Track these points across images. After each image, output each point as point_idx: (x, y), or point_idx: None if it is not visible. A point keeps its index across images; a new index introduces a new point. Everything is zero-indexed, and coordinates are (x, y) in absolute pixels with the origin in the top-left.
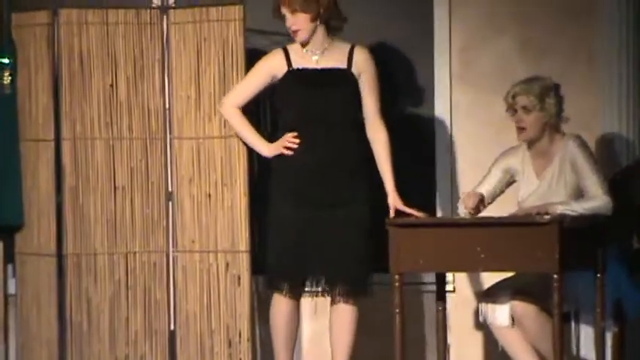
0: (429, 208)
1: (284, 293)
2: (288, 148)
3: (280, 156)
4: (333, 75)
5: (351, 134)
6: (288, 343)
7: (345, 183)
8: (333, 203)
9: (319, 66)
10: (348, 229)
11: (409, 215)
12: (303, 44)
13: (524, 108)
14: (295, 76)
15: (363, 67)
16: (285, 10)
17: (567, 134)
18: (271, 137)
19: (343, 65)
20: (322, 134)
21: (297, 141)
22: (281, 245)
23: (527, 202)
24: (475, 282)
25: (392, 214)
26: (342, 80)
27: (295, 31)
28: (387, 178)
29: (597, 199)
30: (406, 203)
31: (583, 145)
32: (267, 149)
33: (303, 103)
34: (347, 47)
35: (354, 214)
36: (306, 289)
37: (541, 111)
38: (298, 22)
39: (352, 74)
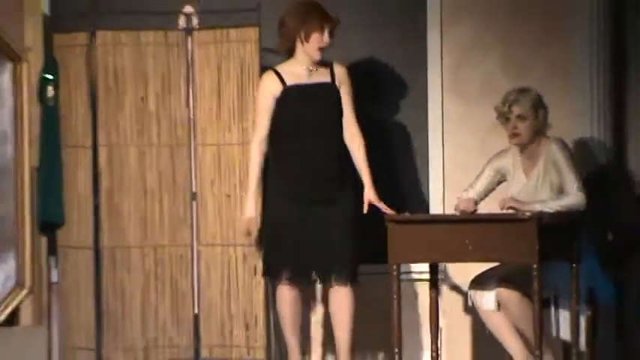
0: (423, 205)
1: (286, 283)
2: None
3: (278, 161)
4: (323, 88)
5: (337, 141)
6: (296, 328)
7: (333, 184)
8: (324, 202)
9: (311, 81)
10: (338, 225)
11: (379, 209)
12: (317, 62)
13: (520, 116)
14: (292, 92)
15: (343, 79)
16: (329, 32)
17: (551, 137)
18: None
19: (328, 79)
20: (314, 142)
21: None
22: (281, 240)
23: (521, 198)
24: (464, 271)
25: (366, 207)
26: (330, 92)
27: (323, 49)
28: (364, 175)
29: (572, 196)
30: (381, 198)
31: (564, 147)
32: (248, 212)
33: (299, 114)
34: (328, 64)
35: (343, 212)
36: (305, 278)
37: (534, 119)
38: (329, 41)
39: (336, 87)
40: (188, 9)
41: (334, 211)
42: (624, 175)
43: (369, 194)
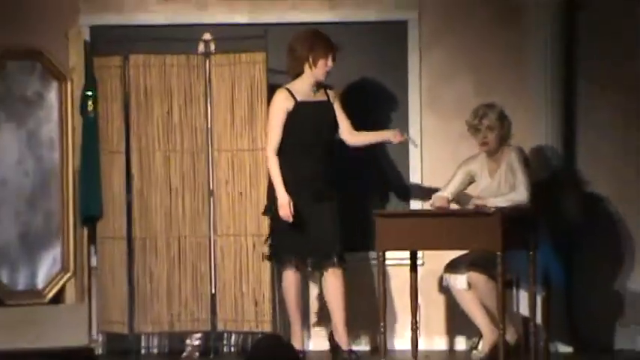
0: (405, 202)
1: (291, 269)
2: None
3: (286, 164)
4: (324, 105)
5: (333, 149)
6: (298, 305)
7: (329, 185)
8: (323, 200)
9: (316, 99)
10: (332, 220)
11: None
12: (321, 82)
13: (489, 127)
14: (303, 108)
15: (335, 98)
16: (332, 58)
17: (512, 146)
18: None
19: (325, 98)
20: (316, 149)
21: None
22: (288, 234)
23: (483, 195)
24: (440, 258)
25: (398, 136)
26: (329, 109)
27: (328, 72)
28: (378, 135)
29: (518, 194)
30: (370, 195)
31: (521, 153)
32: (283, 199)
33: (307, 126)
34: (322, 86)
35: (334, 209)
36: (306, 264)
37: (501, 129)
38: (332, 65)
39: (332, 104)
40: (206, 36)
41: (329, 208)
42: (573, 177)
43: (392, 132)
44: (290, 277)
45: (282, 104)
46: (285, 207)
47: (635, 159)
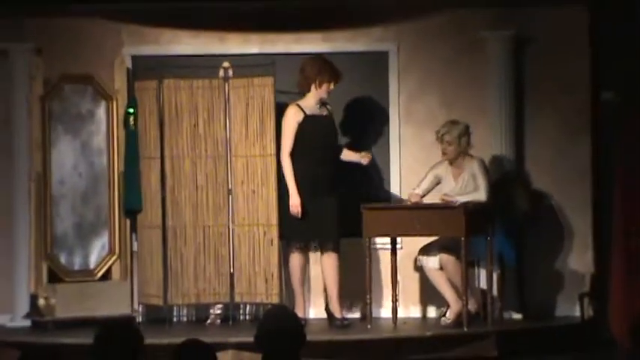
0: (386, 197)
1: (297, 252)
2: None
3: (298, 166)
4: (327, 118)
5: (333, 156)
6: (301, 282)
7: (330, 185)
8: (326, 196)
9: (320, 113)
10: (332, 211)
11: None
12: (323, 100)
13: (448, 142)
14: (310, 120)
15: (332, 113)
16: (335, 82)
17: (474, 156)
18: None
19: (326, 113)
20: (322, 153)
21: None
22: (297, 223)
23: (449, 194)
24: (416, 243)
25: (367, 156)
26: (331, 121)
27: (330, 92)
28: (354, 154)
29: (479, 195)
30: (358, 193)
31: (482, 163)
32: (295, 199)
33: (315, 135)
34: (323, 103)
35: (334, 202)
36: (310, 248)
37: (458, 145)
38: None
39: (331, 117)
40: (226, 64)
41: (329, 203)
42: (522, 178)
43: (362, 155)
44: (296, 259)
45: (294, 117)
46: (296, 206)
47: (570, 163)
